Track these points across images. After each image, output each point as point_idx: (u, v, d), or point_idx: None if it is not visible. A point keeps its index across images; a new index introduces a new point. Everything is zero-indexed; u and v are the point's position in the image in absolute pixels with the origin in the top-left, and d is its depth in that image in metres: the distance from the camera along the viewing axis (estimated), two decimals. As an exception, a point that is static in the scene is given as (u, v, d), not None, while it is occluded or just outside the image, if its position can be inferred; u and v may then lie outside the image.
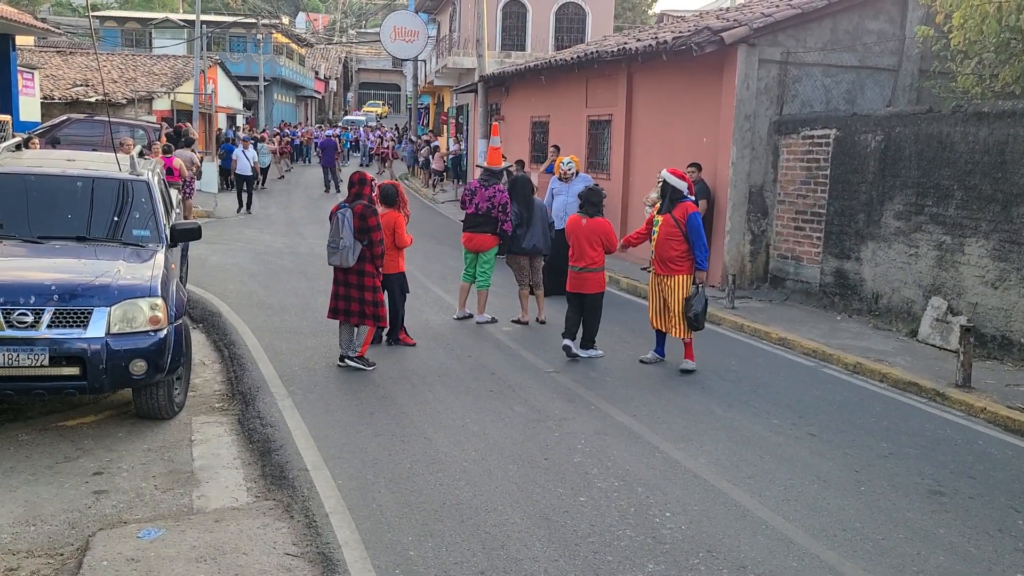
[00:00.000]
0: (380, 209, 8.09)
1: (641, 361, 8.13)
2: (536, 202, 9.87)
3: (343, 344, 7.63)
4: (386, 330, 8.29)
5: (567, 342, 8.17)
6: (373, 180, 7.84)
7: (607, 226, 8.22)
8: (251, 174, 20.72)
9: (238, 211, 19.95)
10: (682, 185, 7.79)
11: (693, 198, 8.01)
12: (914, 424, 6.74)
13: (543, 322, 9.67)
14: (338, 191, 25.19)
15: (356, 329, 7.66)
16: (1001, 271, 8.38)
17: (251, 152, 21.35)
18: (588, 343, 8.34)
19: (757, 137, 11.51)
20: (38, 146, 12.11)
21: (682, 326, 7.79)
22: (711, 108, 12.02)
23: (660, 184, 7.98)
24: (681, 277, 7.78)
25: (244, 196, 20.38)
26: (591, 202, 8.26)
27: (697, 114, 12.48)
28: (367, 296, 7.52)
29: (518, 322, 9.70)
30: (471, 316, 9.68)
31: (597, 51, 14.67)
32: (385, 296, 7.96)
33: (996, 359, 8.31)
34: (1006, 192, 8.32)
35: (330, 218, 7.57)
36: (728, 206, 11.58)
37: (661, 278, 7.89)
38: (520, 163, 16.30)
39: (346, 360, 7.59)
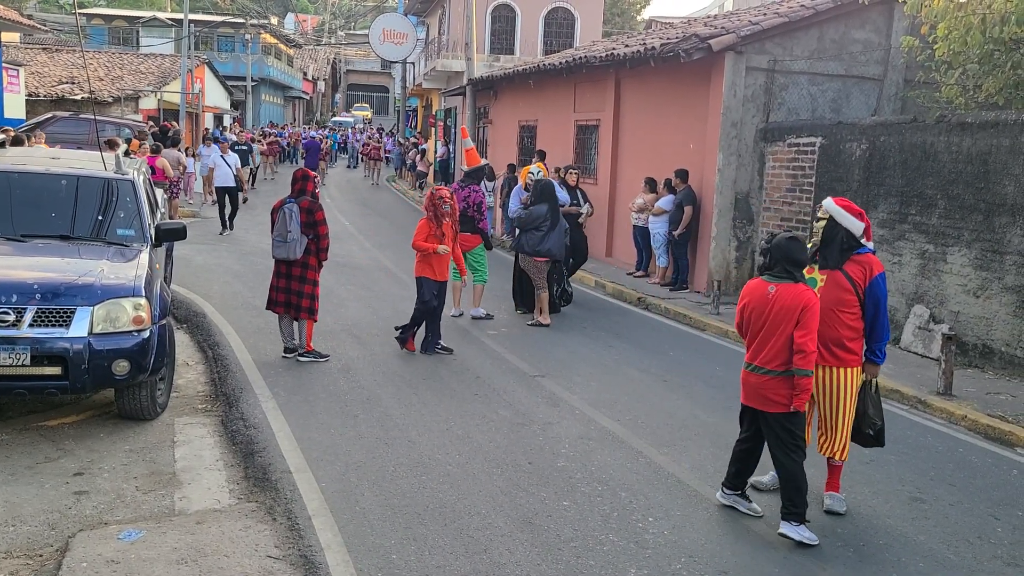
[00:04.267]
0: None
1: (758, 490, 5.40)
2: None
3: (286, 336, 7.91)
4: (423, 340, 8.34)
5: (741, 502, 5.12)
6: (316, 177, 8.13)
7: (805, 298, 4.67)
8: (234, 184, 16.51)
9: (221, 233, 15.99)
10: (859, 226, 5.01)
11: (871, 246, 5.15)
12: (896, 431, 6.77)
13: (546, 325, 9.74)
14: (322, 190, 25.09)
15: (296, 323, 7.88)
16: (983, 280, 8.46)
17: (232, 157, 16.89)
18: (795, 517, 4.73)
19: (743, 144, 11.57)
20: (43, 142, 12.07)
21: (844, 441, 5.12)
22: (698, 114, 12.07)
23: (823, 222, 5.07)
24: (851, 371, 5.05)
25: (227, 210, 16.39)
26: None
27: (684, 120, 12.53)
28: (307, 289, 7.79)
29: (537, 324, 9.76)
30: (462, 315, 9.77)
31: (585, 56, 14.70)
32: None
33: (977, 367, 8.38)
34: (988, 202, 8.40)
35: (272, 214, 7.79)
36: (714, 212, 11.64)
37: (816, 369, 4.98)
38: (512, 167, 16.33)
39: (299, 357, 7.79)
